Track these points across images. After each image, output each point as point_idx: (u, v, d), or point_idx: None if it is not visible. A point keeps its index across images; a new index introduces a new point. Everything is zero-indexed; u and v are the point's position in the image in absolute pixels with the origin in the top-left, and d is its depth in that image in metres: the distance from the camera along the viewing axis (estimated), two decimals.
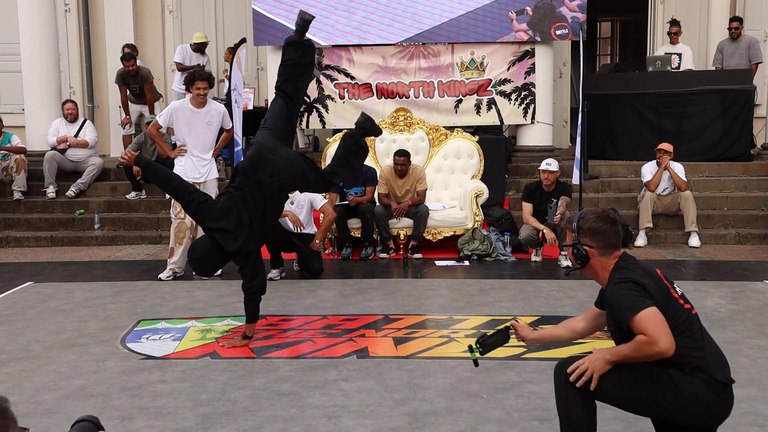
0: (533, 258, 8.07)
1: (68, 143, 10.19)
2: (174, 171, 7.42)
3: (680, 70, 10.86)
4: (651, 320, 2.92)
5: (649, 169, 9.05)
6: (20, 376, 4.84)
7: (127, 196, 10.03)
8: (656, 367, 3.00)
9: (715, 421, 3.08)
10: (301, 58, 5.39)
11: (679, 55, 10.75)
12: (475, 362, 3.53)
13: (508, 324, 3.55)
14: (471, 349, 3.48)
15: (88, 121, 10.69)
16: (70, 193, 10.08)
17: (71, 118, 10.38)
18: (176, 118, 7.28)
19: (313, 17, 5.46)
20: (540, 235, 7.72)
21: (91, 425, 2.21)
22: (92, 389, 4.60)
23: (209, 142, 7.42)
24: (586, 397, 3.11)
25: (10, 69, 11.91)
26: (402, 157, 8.39)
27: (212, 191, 7.40)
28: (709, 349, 3.09)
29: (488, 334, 3.52)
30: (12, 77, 11.77)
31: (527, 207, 7.95)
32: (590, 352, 3.15)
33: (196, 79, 7.19)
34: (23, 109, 10.98)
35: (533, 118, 10.10)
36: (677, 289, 3.17)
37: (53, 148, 10.17)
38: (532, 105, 10.05)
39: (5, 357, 5.21)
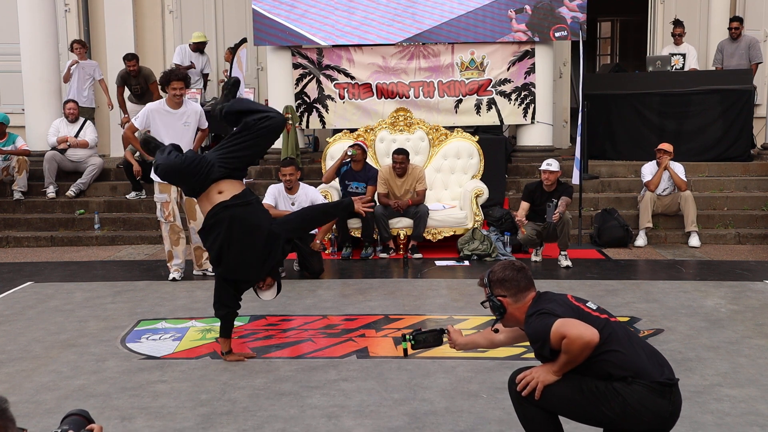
0: (533, 258, 8.07)
1: (68, 143, 10.19)
2: (153, 173, 7.40)
3: (685, 70, 10.86)
4: (564, 325, 3.06)
5: (649, 169, 9.05)
6: (20, 376, 4.85)
7: (127, 196, 10.03)
8: (602, 382, 3.10)
9: (666, 425, 3.15)
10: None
11: (683, 55, 10.75)
12: (405, 352, 3.61)
13: (444, 327, 3.67)
14: (404, 338, 3.62)
15: (88, 122, 10.69)
16: (70, 193, 10.08)
17: (72, 118, 10.38)
18: (153, 119, 7.19)
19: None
20: (521, 228, 7.79)
21: (82, 419, 2.19)
22: (92, 389, 4.60)
23: (187, 142, 7.33)
24: (544, 411, 3.21)
25: (10, 69, 11.91)
26: (400, 155, 8.39)
27: None
28: (642, 351, 3.18)
29: (423, 330, 3.66)
30: (12, 77, 11.77)
31: (524, 206, 7.95)
32: None
33: (172, 79, 7.13)
34: (23, 109, 10.97)
35: (533, 118, 10.10)
36: (590, 305, 3.29)
37: (53, 148, 10.18)
38: (532, 105, 10.05)
39: (5, 357, 5.21)
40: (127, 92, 11.11)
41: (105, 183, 10.41)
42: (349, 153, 8.31)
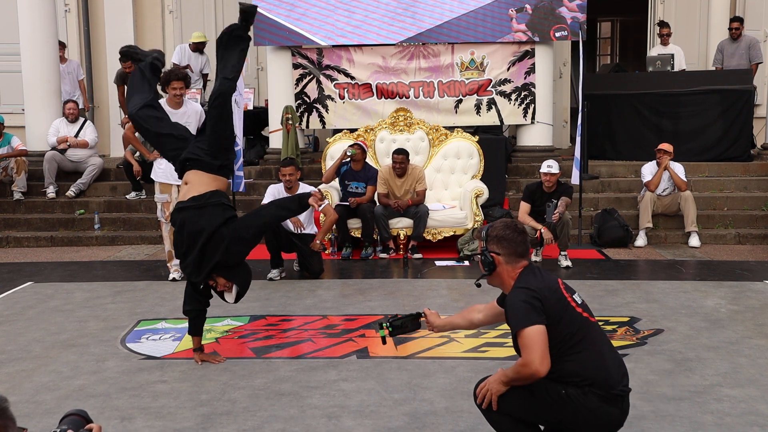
0: (533, 258, 8.06)
1: (68, 143, 10.19)
2: (153, 173, 7.42)
3: (674, 70, 10.86)
4: (531, 341, 3.06)
5: (649, 169, 9.05)
6: (20, 376, 4.85)
7: (127, 196, 10.03)
8: (554, 387, 3.13)
9: (615, 428, 3.23)
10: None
11: (672, 56, 10.76)
12: (383, 339, 3.66)
13: (420, 311, 3.66)
14: (380, 326, 3.61)
15: (88, 121, 10.68)
16: (70, 193, 10.08)
17: (72, 118, 10.38)
18: None
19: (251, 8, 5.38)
20: (538, 234, 7.72)
21: (81, 419, 2.18)
22: (92, 389, 4.60)
23: None
24: (511, 417, 3.25)
25: (10, 69, 11.91)
26: (400, 155, 8.39)
27: None
28: (609, 358, 3.21)
29: (399, 316, 3.65)
30: (12, 77, 11.76)
31: (525, 206, 7.95)
32: None
33: (172, 79, 7.13)
34: (23, 109, 10.96)
35: (533, 118, 10.10)
36: (577, 298, 3.28)
37: (53, 148, 10.17)
38: (532, 105, 10.05)
39: (5, 357, 5.21)
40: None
41: (105, 183, 10.41)
42: (348, 153, 8.31)
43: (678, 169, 8.98)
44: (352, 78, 10.05)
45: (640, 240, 8.79)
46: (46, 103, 10.70)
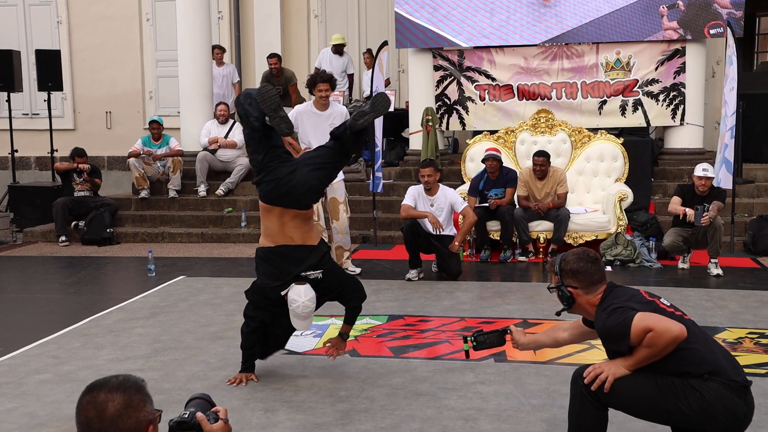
0: (680, 265, 7.73)
1: (218, 144, 10.66)
2: None
3: None
4: (647, 318, 2.98)
5: None
6: (173, 364, 5.12)
7: None
8: (678, 379, 3.02)
9: (740, 427, 3.03)
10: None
11: None
12: (467, 354, 3.70)
13: (506, 328, 3.65)
14: (465, 339, 3.65)
15: (237, 123, 11.13)
16: (219, 191, 10.55)
17: (222, 120, 10.85)
18: (301, 121, 7.40)
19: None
20: (681, 213, 7.35)
21: (206, 402, 2.29)
22: None
23: None
24: (600, 409, 3.16)
25: (167, 74, 12.59)
26: (541, 157, 8.26)
27: (340, 192, 7.53)
28: (718, 350, 3.10)
29: (485, 331, 3.65)
30: (169, 81, 12.44)
31: (676, 199, 7.57)
32: None
33: (318, 81, 7.31)
34: (178, 112, 11.55)
35: (682, 119, 9.69)
36: (664, 301, 3.19)
37: (205, 149, 10.67)
38: (682, 106, 9.65)
39: (160, 346, 5.52)
40: None
41: (251, 182, 10.79)
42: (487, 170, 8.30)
43: None
44: (493, 79, 9.98)
45: None
46: (199, 106, 11.22)
